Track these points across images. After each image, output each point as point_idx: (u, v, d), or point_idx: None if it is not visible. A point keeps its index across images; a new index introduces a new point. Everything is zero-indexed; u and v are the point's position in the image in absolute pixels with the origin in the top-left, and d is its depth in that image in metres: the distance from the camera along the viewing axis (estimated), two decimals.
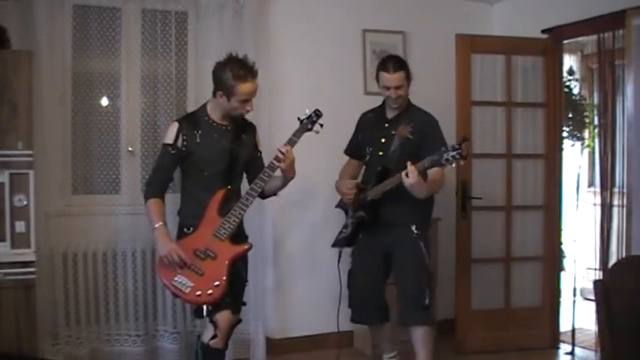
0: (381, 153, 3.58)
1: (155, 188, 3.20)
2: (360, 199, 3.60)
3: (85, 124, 4.05)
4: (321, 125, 3.32)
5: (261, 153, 3.39)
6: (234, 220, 3.11)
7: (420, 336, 3.54)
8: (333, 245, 3.78)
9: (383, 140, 3.58)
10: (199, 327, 4.18)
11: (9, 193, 3.26)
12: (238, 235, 3.19)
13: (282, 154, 3.16)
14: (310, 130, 3.31)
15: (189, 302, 3.29)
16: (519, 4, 4.87)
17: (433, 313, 3.58)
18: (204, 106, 3.30)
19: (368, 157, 3.67)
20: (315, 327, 4.51)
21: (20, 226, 3.28)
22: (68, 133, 3.99)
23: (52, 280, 3.83)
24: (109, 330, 4.00)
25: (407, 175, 3.23)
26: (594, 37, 4.25)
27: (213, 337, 3.10)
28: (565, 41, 4.52)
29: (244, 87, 3.09)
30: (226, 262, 3.08)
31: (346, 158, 3.91)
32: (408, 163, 3.24)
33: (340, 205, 3.79)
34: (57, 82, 3.88)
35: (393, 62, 3.53)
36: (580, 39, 4.92)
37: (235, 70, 3.08)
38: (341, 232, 3.75)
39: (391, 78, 3.49)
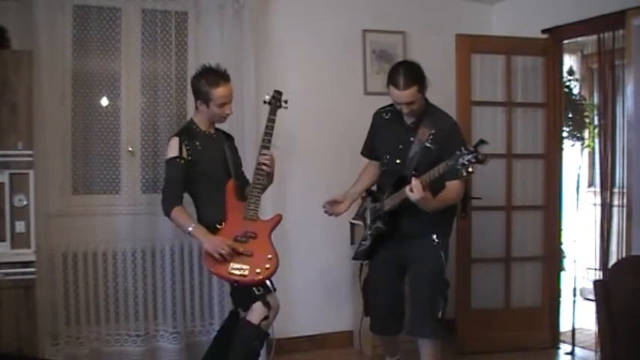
0: (398, 161, 3.36)
1: (173, 199, 3.33)
2: (376, 210, 3.46)
3: (85, 124, 4.05)
4: (286, 102, 3.54)
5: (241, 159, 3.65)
6: (256, 200, 3.37)
7: (427, 349, 3.41)
8: (354, 258, 3.71)
9: (400, 147, 3.36)
10: (199, 327, 4.20)
11: (9, 193, 3.26)
12: None
13: (268, 160, 3.40)
14: (280, 107, 3.53)
15: (251, 284, 3.25)
16: (519, 4, 4.87)
17: (443, 327, 3.40)
18: (191, 120, 3.51)
19: (385, 166, 3.47)
20: (316, 327, 4.52)
21: (20, 226, 3.28)
22: (68, 133, 3.98)
23: (52, 280, 3.83)
24: (109, 330, 4.00)
25: (411, 190, 3.03)
26: (594, 37, 4.25)
27: (265, 318, 3.21)
28: (565, 41, 4.52)
29: (218, 91, 3.33)
30: (268, 236, 3.34)
31: (358, 159, 3.75)
32: (413, 178, 3.05)
33: (357, 217, 3.70)
34: (57, 82, 3.87)
35: (403, 77, 3.18)
36: (580, 39, 4.91)
37: (208, 77, 3.34)
38: (360, 244, 3.63)
39: (401, 95, 3.20)
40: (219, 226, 3.33)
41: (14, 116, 3.26)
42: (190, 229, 3.26)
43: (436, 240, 3.36)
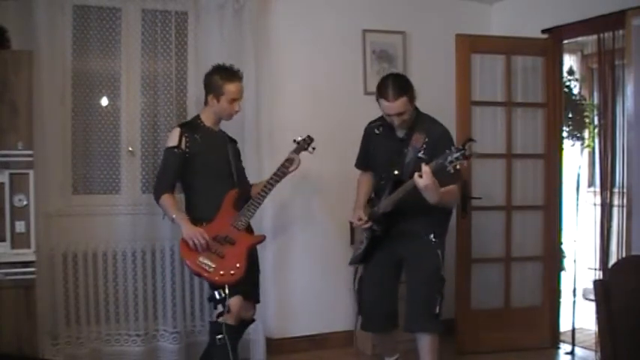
0: (396, 172, 3.36)
1: (165, 186, 3.45)
2: (372, 214, 3.48)
3: (85, 124, 4.05)
4: (314, 148, 3.72)
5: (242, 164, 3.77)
6: (250, 214, 3.49)
7: (426, 344, 3.42)
8: (350, 263, 3.73)
9: (396, 158, 3.39)
10: (199, 327, 4.20)
11: (9, 193, 3.26)
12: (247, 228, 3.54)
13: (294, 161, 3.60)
14: (306, 149, 3.70)
15: (211, 281, 3.38)
16: (519, 4, 4.87)
17: (441, 323, 3.44)
18: (197, 116, 3.62)
19: (384, 180, 3.47)
20: (315, 327, 4.52)
21: (20, 226, 3.28)
22: (68, 133, 3.98)
23: (52, 280, 3.83)
24: (109, 330, 4.00)
25: (420, 176, 3.02)
26: (594, 37, 4.25)
27: (221, 314, 3.32)
28: (565, 41, 4.52)
29: (231, 86, 3.47)
30: (245, 248, 3.41)
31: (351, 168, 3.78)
32: (423, 164, 3.05)
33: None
34: (57, 82, 3.87)
35: (392, 88, 3.22)
36: (580, 39, 4.92)
37: (222, 73, 3.50)
38: (357, 248, 3.65)
39: (391, 106, 3.23)
40: (204, 224, 3.41)
41: (14, 116, 3.26)
42: (174, 215, 3.39)
43: (433, 239, 3.40)
